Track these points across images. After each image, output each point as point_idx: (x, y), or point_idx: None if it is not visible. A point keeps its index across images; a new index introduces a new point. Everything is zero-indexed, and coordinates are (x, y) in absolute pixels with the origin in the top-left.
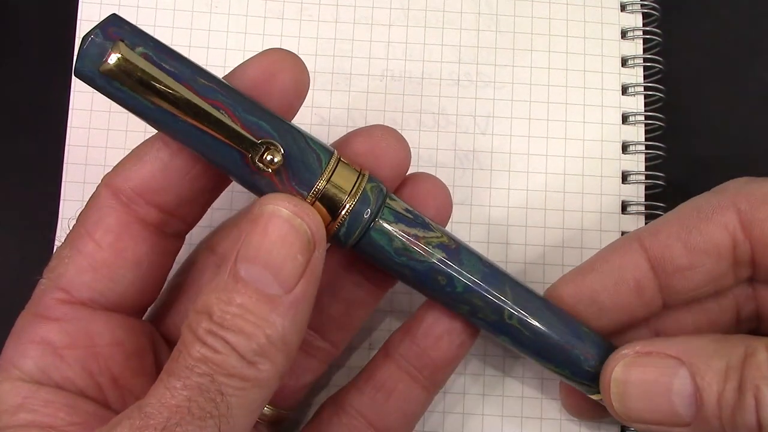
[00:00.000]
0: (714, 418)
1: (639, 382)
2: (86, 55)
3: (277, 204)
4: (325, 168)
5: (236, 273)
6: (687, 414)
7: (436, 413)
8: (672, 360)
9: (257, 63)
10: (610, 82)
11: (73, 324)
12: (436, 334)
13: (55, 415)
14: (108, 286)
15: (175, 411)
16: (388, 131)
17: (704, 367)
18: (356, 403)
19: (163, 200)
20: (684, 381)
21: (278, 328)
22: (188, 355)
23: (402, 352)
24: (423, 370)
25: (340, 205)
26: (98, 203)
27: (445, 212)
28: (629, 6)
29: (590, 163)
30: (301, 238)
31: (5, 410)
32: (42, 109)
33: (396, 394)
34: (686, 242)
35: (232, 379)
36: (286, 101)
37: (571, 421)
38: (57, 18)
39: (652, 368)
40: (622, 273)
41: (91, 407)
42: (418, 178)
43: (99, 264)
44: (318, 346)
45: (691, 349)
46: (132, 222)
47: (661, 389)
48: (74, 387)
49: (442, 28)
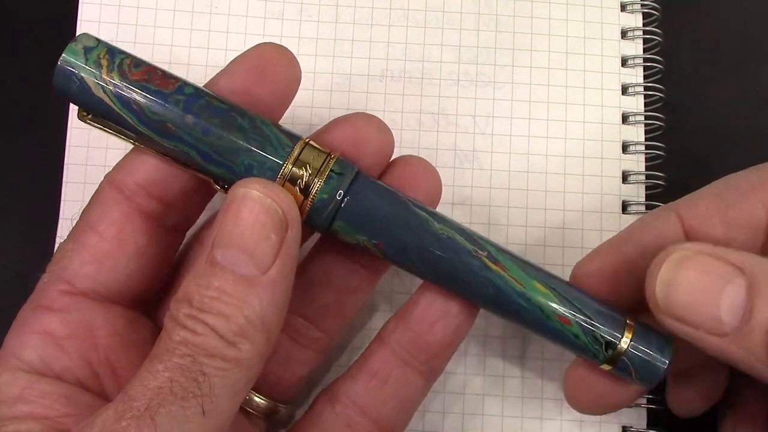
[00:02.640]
0: (758, 335)
1: (692, 277)
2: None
3: (248, 186)
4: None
5: (213, 258)
6: (730, 323)
7: (436, 413)
8: (731, 267)
9: (248, 58)
10: (610, 82)
11: (74, 315)
12: (431, 318)
13: (52, 407)
14: (110, 277)
15: (157, 392)
16: (369, 118)
17: (764, 282)
18: (350, 392)
19: (165, 193)
20: (738, 290)
21: (256, 308)
22: (169, 339)
23: (396, 338)
24: (418, 356)
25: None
26: (101, 197)
27: (435, 194)
28: (629, 6)
29: (590, 162)
30: (273, 217)
31: (3, 401)
32: (42, 109)
33: (391, 381)
34: (724, 216)
35: (214, 360)
36: (277, 94)
37: (571, 422)
38: (57, 18)
39: (708, 267)
40: (661, 241)
41: (89, 398)
42: (405, 161)
43: (102, 255)
44: (311, 336)
45: (755, 263)
46: (134, 214)
47: (712, 290)
48: (73, 377)
49: (441, 28)
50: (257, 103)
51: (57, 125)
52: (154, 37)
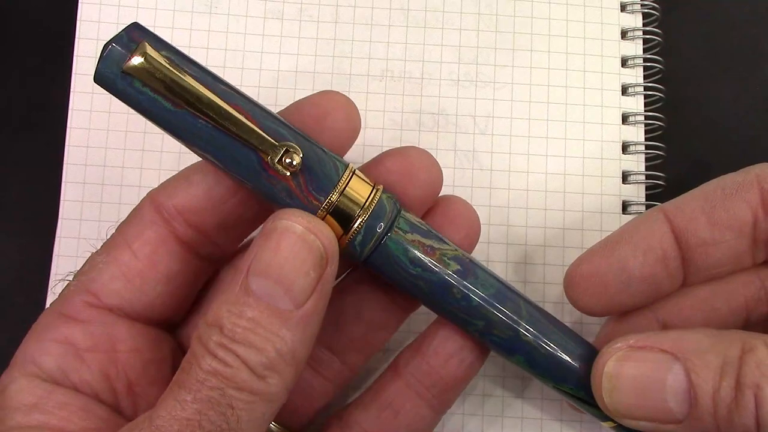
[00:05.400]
0: (708, 416)
1: (631, 376)
2: (110, 57)
3: (291, 219)
4: (340, 177)
5: (247, 286)
6: (680, 411)
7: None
8: (666, 355)
9: (312, 102)
10: (610, 82)
11: (98, 328)
12: (447, 352)
13: (69, 419)
14: (137, 296)
15: (186, 424)
16: (421, 152)
17: (699, 363)
18: (362, 421)
19: (203, 222)
20: (678, 377)
21: (288, 342)
22: (199, 368)
23: (411, 371)
24: (432, 389)
25: (353, 218)
26: (140, 215)
27: (474, 235)
28: (629, 6)
29: (590, 163)
30: (314, 254)
31: (19, 408)
32: (42, 109)
33: (403, 413)
34: (710, 216)
35: (242, 393)
36: (337, 141)
37: (572, 422)
38: (57, 18)
39: (645, 363)
40: (650, 242)
41: (105, 412)
42: (449, 201)
43: (133, 273)
44: (334, 368)
45: (686, 343)
46: (170, 238)
47: (654, 385)
48: (90, 390)
49: (441, 28)
50: None
51: (57, 125)
52: None
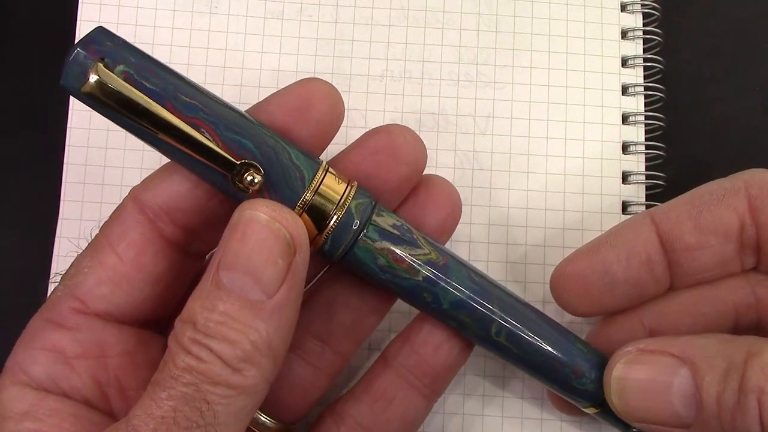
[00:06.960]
0: (713, 419)
1: (640, 380)
2: (69, 72)
3: (255, 209)
4: (309, 183)
5: (218, 280)
6: (687, 415)
7: (437, 414)
8: (673, 359)
9: (293, 92)
10: (610, 82)
11: (86, 334)
12: (436, 341)
13: (60, 426)
14: (125, 300)
15: (161, 422)
16: (404, 129)
17: (705, 367)
18: (355, 413)
19: (189, 220)
20: (684, 381)
21: (262, 333)
22: (173, 365)
23: (401, 361)
24: (423, 378)
25: (327, 216)
26: (124, 216)
27: (455, 214)
28: (629, 6)
29: (590, 163)
30: (281, 242)
31: (10, 417)
32: (42, 109)
33: (395, 402)
34: (696, 221)
35: (218, 387)
36: (320, 131)
37: (572, 422)
38: (57, 18)
39: (653, 366)
40: (635, 246)
41: (97, 417)
42: (431, 181)
43: (119, 277)
44: (326, 359)
45: (694, 348)
46: (155, 238)
47: (662, 388)
48: (81, 396)
49: (441, 28)
50: (296, 141)
51: (57, 125)
52: (153, 37)
